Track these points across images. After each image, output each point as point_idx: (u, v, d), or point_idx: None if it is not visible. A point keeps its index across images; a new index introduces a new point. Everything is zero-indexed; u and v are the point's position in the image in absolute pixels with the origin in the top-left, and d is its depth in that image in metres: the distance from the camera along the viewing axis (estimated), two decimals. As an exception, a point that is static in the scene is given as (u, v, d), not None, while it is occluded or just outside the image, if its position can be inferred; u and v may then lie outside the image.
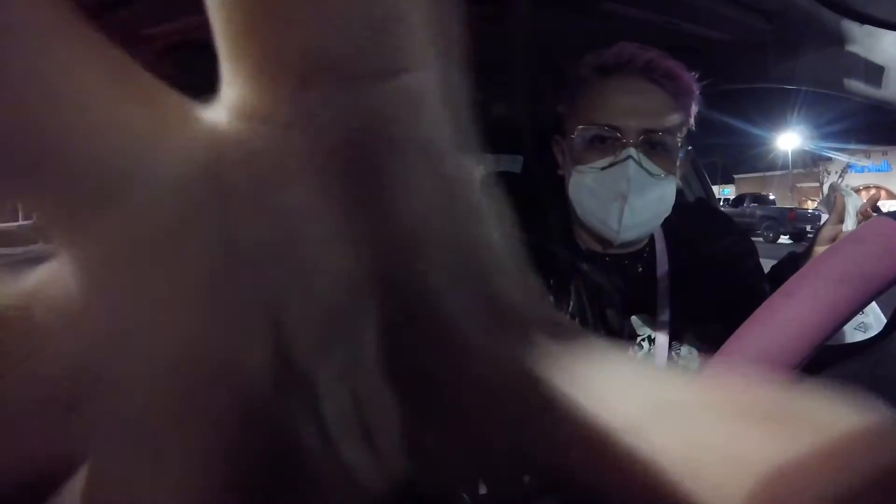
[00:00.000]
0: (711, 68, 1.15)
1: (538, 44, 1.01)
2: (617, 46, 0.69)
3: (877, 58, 0.74)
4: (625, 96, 0.67)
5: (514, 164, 2.57)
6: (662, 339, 0.72)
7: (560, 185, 0.77)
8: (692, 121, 0.72)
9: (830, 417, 0.11)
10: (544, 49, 0.77)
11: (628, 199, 0.66)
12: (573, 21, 0.97)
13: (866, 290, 0.37)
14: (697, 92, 0.71)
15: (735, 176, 34.70)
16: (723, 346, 0.42)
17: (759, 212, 17.59)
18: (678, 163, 0.70)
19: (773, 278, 0.80)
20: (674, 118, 0.68)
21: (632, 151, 0.66)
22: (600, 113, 0.68)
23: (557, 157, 0.77)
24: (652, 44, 1.05)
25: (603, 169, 0.67)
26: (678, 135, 0.69)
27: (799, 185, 28.58)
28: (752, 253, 0.82)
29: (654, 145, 0.67)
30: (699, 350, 0.72)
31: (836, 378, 0.39)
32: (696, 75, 0.71)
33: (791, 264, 0.75)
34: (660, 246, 0.76)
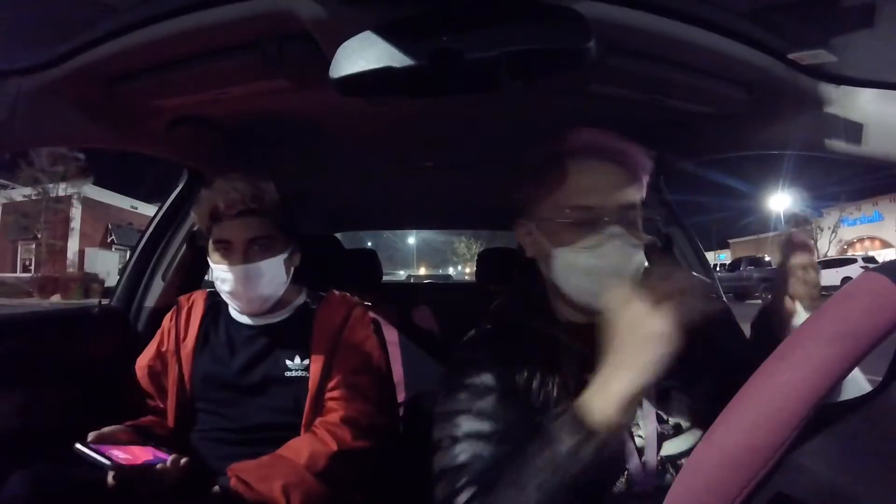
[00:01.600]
0: (698, 140, 1.19)
1: (530, 124, 1.04)
2: (575, 131, 0.73)
3: (855, 116, 0.76)
4: (596, 177, 0.71)
5: (511, 240, 2.60)
6: (650, 395, 0.72)
7: (528, 266, 0.79)
8: (644, 192, 0.75)
9: None
10: (537, 129, 0.80)
11: (620, 273, 0.69)
12: (563, 102, 1.02)
13: (858, 348, 0.37)
14: (650, 165, 0.75)
15: (729, 241, 35.07)
16: (723, 412, 0.41)
17: (756, 274, 17.64)
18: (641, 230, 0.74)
19: (754, 335, 0.83)
20: (636, 192, 0.72)
21: (616, 229, 0.69)
22: (576, 195, 0.71)
23: (522, 241, 0.79)
24: (639, 120, 1.09)
25: (591, 248, 0.70)
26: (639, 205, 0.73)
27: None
28: (727, 310, 0.86)
29: (628, 219, 0.71)
30: (689, 405, 0.72)
31: (838, 435, 0.38)
32: (649, 150, 0.74)
33: (763, 319, 0.79)
34: None
